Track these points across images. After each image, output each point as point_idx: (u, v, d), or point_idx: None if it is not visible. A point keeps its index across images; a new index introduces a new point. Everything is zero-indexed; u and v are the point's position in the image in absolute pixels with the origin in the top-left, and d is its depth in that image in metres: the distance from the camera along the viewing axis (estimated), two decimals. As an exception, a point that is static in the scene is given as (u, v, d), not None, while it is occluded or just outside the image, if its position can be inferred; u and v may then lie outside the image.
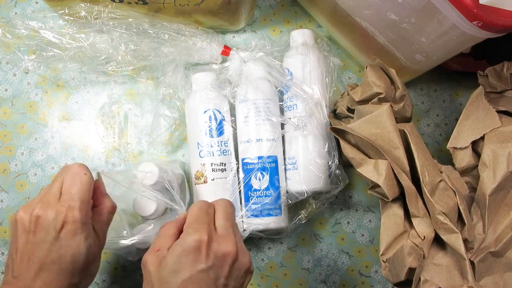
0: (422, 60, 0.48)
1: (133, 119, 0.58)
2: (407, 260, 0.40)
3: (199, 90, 0.53)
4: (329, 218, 0.58)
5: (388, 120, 0.44)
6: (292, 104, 0.53)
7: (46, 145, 0.57)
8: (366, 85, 0.48)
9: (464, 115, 0.47)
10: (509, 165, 0.45)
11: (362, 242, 0.57)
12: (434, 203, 0.41)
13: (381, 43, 0.50)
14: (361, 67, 0.60)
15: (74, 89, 0.58)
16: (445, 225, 0.41)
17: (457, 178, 0.47)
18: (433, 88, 0.60)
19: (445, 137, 0.59)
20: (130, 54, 0.53)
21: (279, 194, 0.51)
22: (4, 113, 0.57)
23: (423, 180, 0.42)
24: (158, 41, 0.53)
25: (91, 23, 0.51)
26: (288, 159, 0.53)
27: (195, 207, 0.39)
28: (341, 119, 0.53)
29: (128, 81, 0.58)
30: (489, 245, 0.45)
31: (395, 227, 0.43)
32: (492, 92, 0.49)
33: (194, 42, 0.54)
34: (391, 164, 0.43)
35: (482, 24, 0.37)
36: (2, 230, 0.56)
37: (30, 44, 0.53)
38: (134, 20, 0.52)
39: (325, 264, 0.57)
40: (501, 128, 0.46)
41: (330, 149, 0.52)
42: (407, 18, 0.44)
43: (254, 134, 0.52)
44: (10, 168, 0.56)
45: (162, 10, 0.52)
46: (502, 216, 0.46)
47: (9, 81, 0.58)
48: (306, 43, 0.53)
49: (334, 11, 0.53)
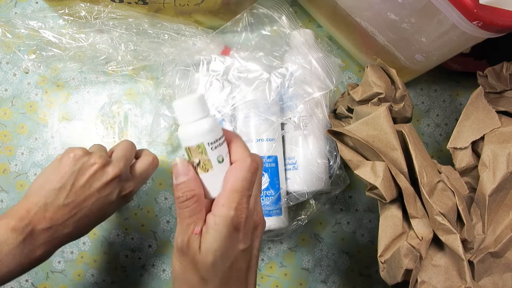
0: (422, 60, 0.48)
1: (133, 119, 0.58)
2: (403, 262, 0.40)
3: (199, 90, 0.53)
4: (329, 218, 0.58)
5: (386, 121, 0.43)
6: (292, 104, 0.53)
7: (46, 145, 0.57)
8: (366, 85, 0.48)
9: (464, 115, 0.47)
10: (509, 165, 0.45)
11: (362, 242, 0.57)
12: (432, 203, 0.41)
13: (381, 43, 0.50)
14: (361, 67, 0.60)
15: (74, 89, 0.58)
16: (443, 226, 0.41)
17: (457, 178, 0.47)
18: (433, 88, 0.60)
19: (445, 137, 0.59)
20: (130, 54, 0.53)
21: (279, 194, 0.51)
22: (4, 113, 0.57)
23: (421, 181, 0.42)
24: (158, 41, 0.53)
25: (91, 23, 0.51)
26: (288, 159, 0.53)
27: (240, 177, 0.34)
28: (341, 119, 0.53)
29: (128, 81, 0.58)
30: (489, 245, 0.45)
31: (393, 228, 0.43)
32: (491, 93, 0.49)
33: (194, 42, 0.54)
34: (389, 165, 0.43)
35: (482, 24, 0.37)
36: (2, 230, 0.56)
37: (30, 44, 0.53)
38: (134, 20, 0.52)
39: (325, 264, 0.57)
40: (501, 129, 0.46)
41: (331, 149, 0.52)
42: (407, 18, 0.44)
43: (254, 134, 0.52)
44: (10, 168, 0.56)
45: (162, 10, 0.52)
46: (502, 216, 0.46)
47: (9, 81, 0.58)
48: (306, 43, 0.53)
49: (334, 11, 0.53)
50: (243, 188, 0.34)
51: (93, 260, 0.56)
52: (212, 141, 0.34)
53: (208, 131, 0.34)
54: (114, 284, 0.56)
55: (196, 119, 0.34)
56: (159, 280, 0.56)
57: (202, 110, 0.34)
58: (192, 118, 0.34)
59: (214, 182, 0.35)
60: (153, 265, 0.56)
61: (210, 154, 0.34)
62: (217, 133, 0.34)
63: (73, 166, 0.41)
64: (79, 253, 0.56)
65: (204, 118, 0.34)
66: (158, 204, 0.57)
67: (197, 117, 0.34)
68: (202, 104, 0.34)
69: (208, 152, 0.34)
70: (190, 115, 0.34)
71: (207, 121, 0.34)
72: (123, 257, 0.56)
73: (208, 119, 0.34)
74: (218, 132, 0.35)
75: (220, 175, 0.35)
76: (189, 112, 0.34)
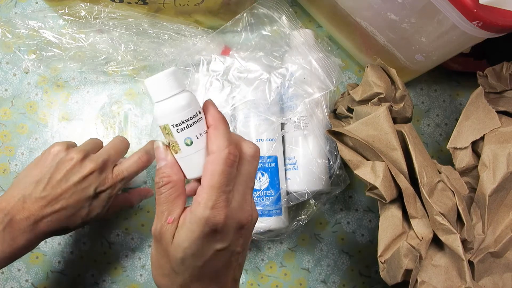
0: (422, 60, 0.48)
1: (133, 119, 0.58)
2: (403, 262, 0.40)
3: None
4: (329, 218, 0.58)
5: (385, 121, 0.44)
6: (292, 104, 0.53)
7: (46, 145, 0.57)
8: (366, 85, 0.48)
9: (464, 115, 0.47)
10: (509, 165, 0.45)
11: (362, 242, 0.57)
12: (432, 203, 0.41)
13: (381, 43, 0.50)
14: (361, 67, 0.60)
15: (74, 89, 0.58)
16: (443, 226, 0.41)
17: (457, 178, 0.47)
18: (433, 88, 0.60)
19: (445, 137, 0.59)
20: (130, 54, 0.53)
21: (279, 194, 0.51)
22: (4, 113, 0.57)
23: (421, 181, 0.42)
24: (158, 41, 0.53)
25: (91, 23, 0.51)
26: (288, 159, 0.53)
27: (217, 171, 0.32)
28: (341, 119, 0.53)
29: (128, 81, 0.58)
30: (489, 245, 0.45)
31: (393, 228, 0.43)
32: (491, 93, 0.49)
33: (194, 42, 0.54)
34: (389, 165, 0.43)
35: (482, 24, 0.37)
36: (2, 230, 0.56)
37: (30, 44, 0.53)
38: (134, 20, 0.52)
39: (325, 264, 0.57)
40: (501, 129, 0.46)
41: (331, 149, 0.52)
42: (407, 18, 0.44)
43: (254, 134, 0.52)
44: (10, 168, 0.56)
45: (162, 10, 0.52)
46: (502, 216, 0.46)
47: (9, 81, 0.58)
48: (306, 43, 0.53)
49: (334, 11, 0.53)
50: (220, 183, 0.31)
51: (93, 260, 0.56)
52: (176, 123, 0.31)
53: (172, 112, 0.31)
54: (114, 284, 0.56)
55: (162, 98, 0.32)
56: (159, 280, 0.56)
57: (170, 89, 0.32)
58: (159, 97, 0.32)
59: (186, 165, 0.33)
60: (153, 265, 0.56)
61: (176, 136, 0.32)
62: (186, 114, 0.32)
63: (52, 161, 0.43)
64: (79, 253, 0.56)
65: (171, 98, 0.32)
66: (158, 204, 0.57)
67: (163, 97, 0.32)
68: (170, 82, 0.32)
69: (173, 134, 0.32)
70: (157, 93, 0.32)
71: (173, 101, 0.32)
72: (123, 257, 0.56)
73: (175, 98, 0.32)
74: (188, 113, 0.32)
75: (193, 157, 0.32)
76: (156, 90, 0.32)
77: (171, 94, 0.32)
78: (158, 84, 0.32)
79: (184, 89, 0.32)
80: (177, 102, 0.31)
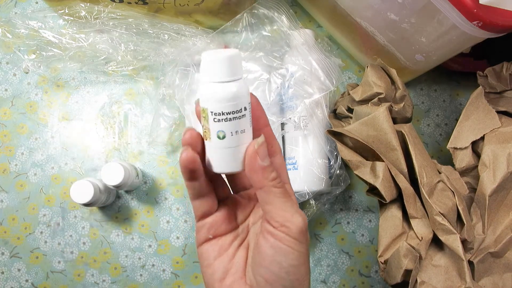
0: (422, 60, 0.48)
1: (133, 119, 0.58)
2: (403, 262, 0.40)
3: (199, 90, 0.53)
4: (329, 218, 0.58)
5: (385, 121, 0.44)
6: (292, 104, 0.53)
7: (46, 145, 0.57)
8: (366, 85, 0.48)
9: (464, 115, 0.47)
10: (509, 165, 0.45)
11: (362, 242, 0.57)
12: (432, 203, 0.41)
13: (381, 43, 0.50)
14: (361, 67, 0.60)
15: (74, 89, 0.58)
16: (443, 226, 0.41)
17: (457, 178, 0.47)
18: (433, 88, 0.60)
19: (445, 137, 0.59)
20: (130, 54, 0.53)
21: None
22: (4, 113, 0.57)
23: (421, 181, 0.42)
24: (158, 41, 0.53)
25: (91, 23, 0.51)
26: (289, 159, 0.53)
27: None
28: (341, 119, 0.53)
29: (128, 81, 0.58)
30: (489, 245, 0.45)
31: (393, 228, 0.43)
32: (491, 93, 0.49)
33: (194, 42, 0.54)
34: (388, 166, 0.43)
35: (482, 24, 0.37)
36: (2, 230, 0.56)
37: (30, 44, 0.53)
38: (134, 20, 0.52)
39: (325, 264, 0.57)
40: (501, 129, 0.46)
41: (332, 149, 0.52)
42: (407, 18, 0.44)
43: (254, 134, 0.52)
44: (10, 168, 0.56)
45: (162, 10, 0.52)
46: (502, 216, 0.46)
47: (9, 81, 0.58)
48: (306, 43, 0.53)
49: (334, 11, 0.53)
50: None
51: (93, 260, 0.56)
52: (216, 112, 0.29)
53: (217, 100, 0.28)
54: (114, 284, 0.56)
55: (212, 80, 0.29)
56: (159, 280, 0.56)
57: (224, 74, 0.28)
58: (209, 76, 0.29)
59: (213, 155, 0.30)
60: (153, 265, 0.56)
61: (211, 124, 0.29)
62: (229, 106, 0.28)
63: None
64: (79, 253, 0.56)
65: (221, 83, 0.29)
66: (158, 204, 0.57)
67: (214, 79, 0.29)
68: (227, 67, 0.28)
69: (209, 121, 0.29)
70: (208, 72, 0.29)
71: (221, 88, 0.28)
72: (123, 257, 0.56)
73: (225, 86, 0.28)
74: (231, 106, 0.29)
75: (221, 152, 0.30)
76: (208, 68, 0.29)
77: (223, 80, 0.29)
78: (214, 63, 0.28)
79: (239, 78, 0.29)
80: (224, 90, 0.28)
